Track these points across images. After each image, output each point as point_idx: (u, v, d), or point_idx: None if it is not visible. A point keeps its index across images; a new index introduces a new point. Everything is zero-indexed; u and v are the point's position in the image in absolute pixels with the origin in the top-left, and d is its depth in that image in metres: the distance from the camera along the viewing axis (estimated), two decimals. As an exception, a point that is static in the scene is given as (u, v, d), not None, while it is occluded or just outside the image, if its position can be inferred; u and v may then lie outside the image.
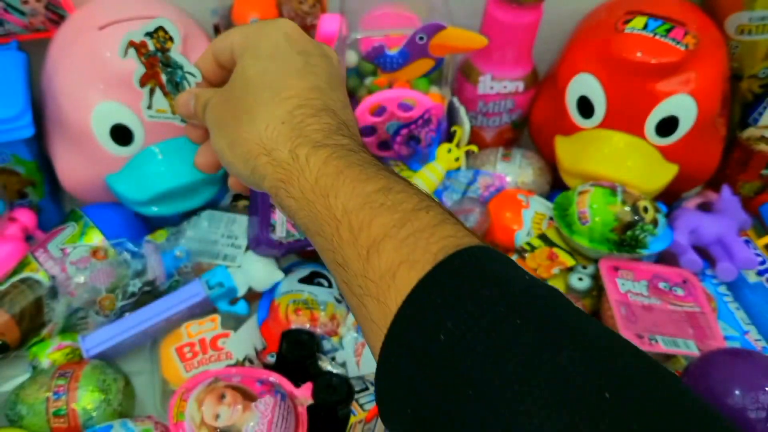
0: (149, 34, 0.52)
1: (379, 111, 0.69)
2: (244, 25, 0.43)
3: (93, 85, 0.60)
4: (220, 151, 0.40)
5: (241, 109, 0.39)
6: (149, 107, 0.55)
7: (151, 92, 0.54)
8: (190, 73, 0.53)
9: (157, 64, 0.53)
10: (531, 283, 0.28)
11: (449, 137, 0.75)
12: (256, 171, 0.37)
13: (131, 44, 0.52)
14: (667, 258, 0.71)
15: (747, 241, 0.72)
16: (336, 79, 0.41)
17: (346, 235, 0.31)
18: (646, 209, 0.66)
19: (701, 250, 0.70)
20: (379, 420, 0.58)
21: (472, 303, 0.27)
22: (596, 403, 0.23)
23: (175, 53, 0.52)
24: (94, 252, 0.62)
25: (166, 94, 0.54)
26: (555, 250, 0.69)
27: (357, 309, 0.31)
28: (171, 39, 0.52)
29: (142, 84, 0.54)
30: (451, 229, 0.30)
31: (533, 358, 0.24)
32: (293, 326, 0.63)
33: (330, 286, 0.67)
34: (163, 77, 0.53)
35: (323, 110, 0.37)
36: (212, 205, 0.71)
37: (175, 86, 0.53)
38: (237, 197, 0.75)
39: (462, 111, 0.74)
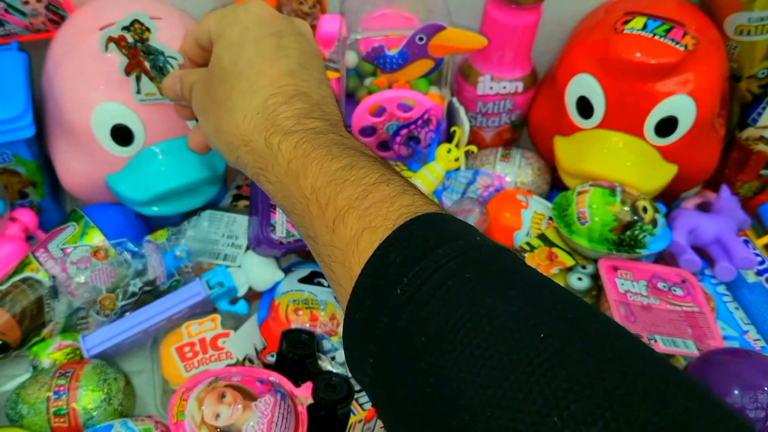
0: (126, 28, 0.55)
1: (379, 111, 0.69)
2: (219, 9, 0.44)
3: (93, 86, 0.60)
4: (208, 135, 0.42)
5: (221, 98, 0.40)
6: (138, 92, 0.59)
7: (138, 79, 0.58)
8: (172, 57, 0.56)
9: (139, 53, 0.56)
10: (482, 243, 0.31)
11: (449, 137, 0.75)
12: (239, 160, 0.40)
13: (110, 39, 0.56)
14: (666, 258, 0.71)
15: (746, 241, 0.72)
16: (309, 56, 0.42)
17: (315, 211, 0.34)
18: (645, 209, 0.66)
19: (700, 250, 0.70)
20: (379, 419, 0.58)
21: (426, 260, 0.29)
22: (531, 342, 0.25)
23: (154, 42, 0.56)
24: (95, 252, 0.63)
25: (152, 78, 0.58)
26: (554, 250, 0.69)
27: (329, 277, 0.34)
28: (148, 29, 0.55)
29: (128, 72, 0.57)
30: (410, 199, 0.32)
31: (479, 307, 0.27)
32: (293, 326, 0.63)
33: (329, 285, 0.67)
34: (147, 64, 0.57)
35: (296, 96, 0.39)
36: (213, 205, 0.72)
37: (159, 71, 0.57)
38: (237, 197, 0.75)
39: (461, 111, 0.74)
